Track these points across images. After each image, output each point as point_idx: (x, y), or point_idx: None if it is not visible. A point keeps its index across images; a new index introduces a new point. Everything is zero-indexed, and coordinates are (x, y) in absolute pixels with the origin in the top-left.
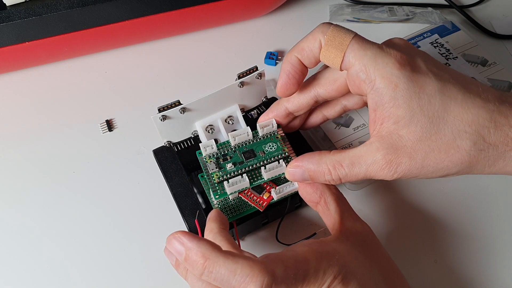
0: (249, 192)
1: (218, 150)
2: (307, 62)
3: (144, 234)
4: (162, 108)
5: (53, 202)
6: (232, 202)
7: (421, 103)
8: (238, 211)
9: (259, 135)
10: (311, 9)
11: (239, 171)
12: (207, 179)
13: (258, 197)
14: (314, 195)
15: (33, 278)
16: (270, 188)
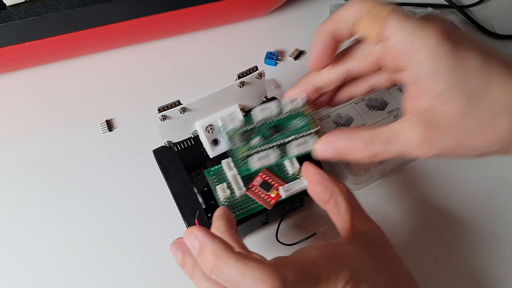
0: (256, 189)
1: (244, 125)
2: (342, 34)
3: (144, 234)
4: (162, 108)
5: (53, 202)
6: (238, 199)
7: (463, 77)
8: (244, 208)
9: (285, 110)
10: (311, 9)
11: (266, 146)
12: (235, 154)
13: (265, 194)
14: (324, 194)
15: (33, 278)
16: (278, 185)
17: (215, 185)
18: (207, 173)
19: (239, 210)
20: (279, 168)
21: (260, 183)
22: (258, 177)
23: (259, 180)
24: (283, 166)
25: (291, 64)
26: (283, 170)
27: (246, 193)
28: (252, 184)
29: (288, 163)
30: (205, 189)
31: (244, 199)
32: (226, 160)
